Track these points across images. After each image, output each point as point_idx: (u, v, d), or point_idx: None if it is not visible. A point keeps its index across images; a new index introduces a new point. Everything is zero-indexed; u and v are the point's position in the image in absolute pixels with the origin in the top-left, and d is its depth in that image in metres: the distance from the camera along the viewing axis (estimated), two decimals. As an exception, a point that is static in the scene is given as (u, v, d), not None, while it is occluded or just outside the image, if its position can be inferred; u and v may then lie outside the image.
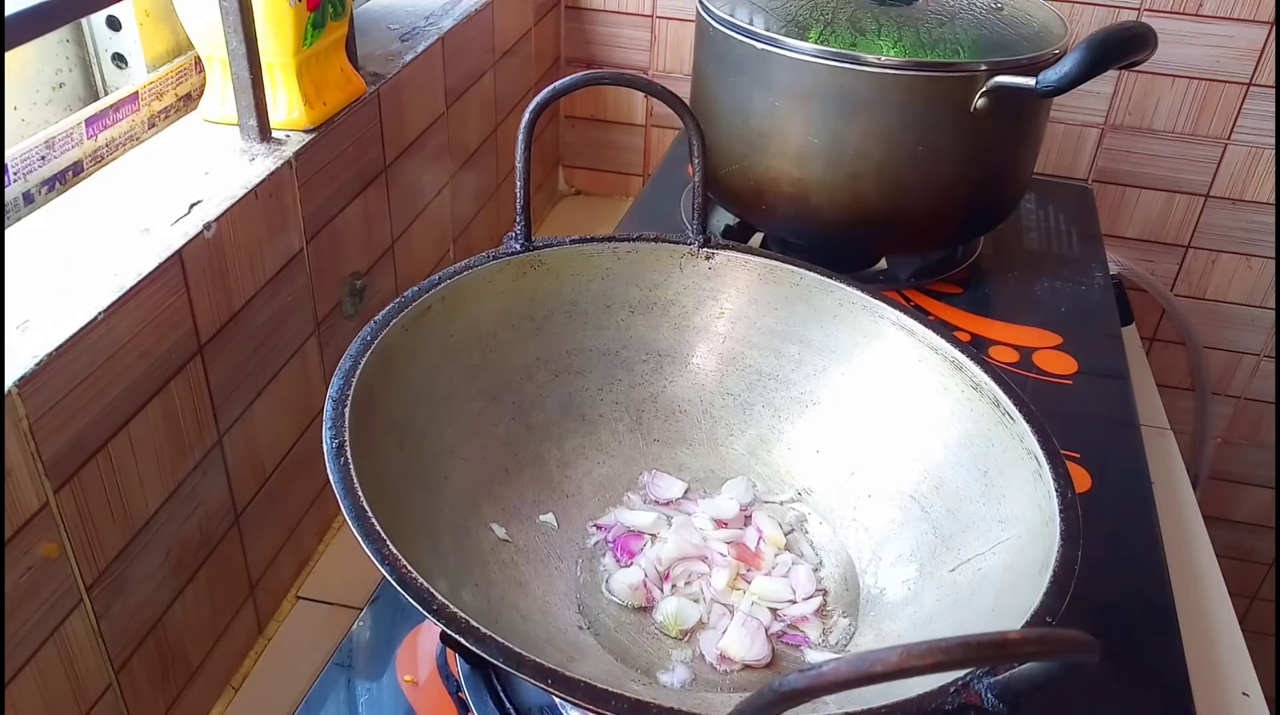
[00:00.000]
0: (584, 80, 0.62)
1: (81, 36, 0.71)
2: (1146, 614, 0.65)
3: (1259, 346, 1.26)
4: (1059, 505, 0.50)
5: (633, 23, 1.22)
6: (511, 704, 0.55)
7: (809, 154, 0.84)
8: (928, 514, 0.58)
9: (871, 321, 0.64)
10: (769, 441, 0.66)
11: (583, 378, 0.66)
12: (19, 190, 0.62)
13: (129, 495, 0.57)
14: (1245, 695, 0.68)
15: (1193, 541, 0.80)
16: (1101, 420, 0.80)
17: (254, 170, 0.67)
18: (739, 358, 0.67)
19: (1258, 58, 1.09)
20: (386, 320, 0.57)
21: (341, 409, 0.50)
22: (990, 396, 0.57)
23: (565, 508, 0.62)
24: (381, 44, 0.88)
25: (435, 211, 0.96)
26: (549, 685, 0.40)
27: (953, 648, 0.28)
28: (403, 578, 0.43)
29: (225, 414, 0.66)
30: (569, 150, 1.32)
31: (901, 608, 0.56)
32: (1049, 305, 0.93)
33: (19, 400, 0.49)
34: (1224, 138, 1.14)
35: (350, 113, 0.77)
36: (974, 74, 0.79)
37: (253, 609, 0.73)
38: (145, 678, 0.61)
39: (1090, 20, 1.11)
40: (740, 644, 0.55)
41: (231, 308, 0.65)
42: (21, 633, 0.51)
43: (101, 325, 0.53)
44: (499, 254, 0.64)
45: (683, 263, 0.67)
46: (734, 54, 0.84)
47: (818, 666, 0.29)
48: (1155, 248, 1.22)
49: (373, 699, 0.58)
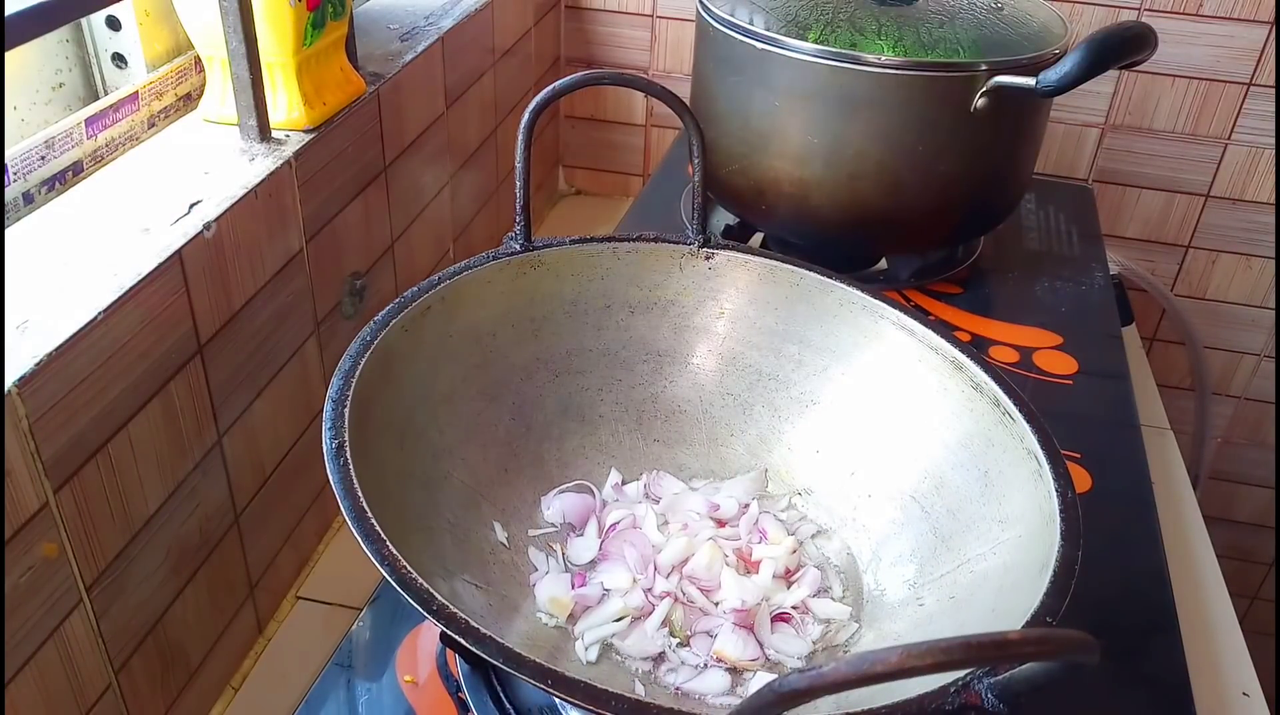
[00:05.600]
0: (584, 80, 0.62)
1: (81, 36, 0.71)
2: (1146, 614, 0.65)
3: (1259, 346, 1.26)
4: (1059, 505, 0.50)
5: (633, 23, 1.22)
6: (511, 704, 0.55)
7: (809, 154, 0.84)
8: (928, 514, 0.58)
9: (871, 321, 0.64)
10: (769, 442, 0.66)
11: (583, 378, 0.66)
12: (19, 190, 0.62)
13: (129, 495, 0.57)
14: (1245, 695, 0.68)
15: (1193, 541, 0.80)
16: (1101, 420, 0.80)
17: (254, 170, 0.67)
18: (739, 358, 0.67)
19: (1258, 58, 1.09)
20: (386, 320, 0.57)
21: (341, 409, 0.50)
22: (990, 396, 0.57)
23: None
24: (381, 44, 0.88)
25: (435, 211, 0.96)
26: (549, 685, 0.40)
27: (953, 648, 0.28)
28: (403, 578, 0.43)
29: (225, 414, 0.66)
30: (569, 150, 1.32)
31: (902, 608, 0.56)
32: (1049, 305, 0.93)
33: (19, 400, 0.49)
34: (1224, 138, 1.14)
35: (350, 113, 0.77)
36: (974, 74, 0.78)
37: (252, 609, 0.73)
38: (145, 678, 0.61)
39: (1090, 20, 1.11)
40: (734, 646, 0.55)
41: (231, 308, 0.65)
42: (21, 633, 0.51)
43: (101, 325, 0.53)
44: (499, 254, 0.64)
45: (683, 263, 0.67)
46: (734, 54, 0.84)
47: (818, 666, 0.29)
48: (1155, 248, 1.22)
49: (373, 699, 0.58)
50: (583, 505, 0.62)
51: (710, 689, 0.53)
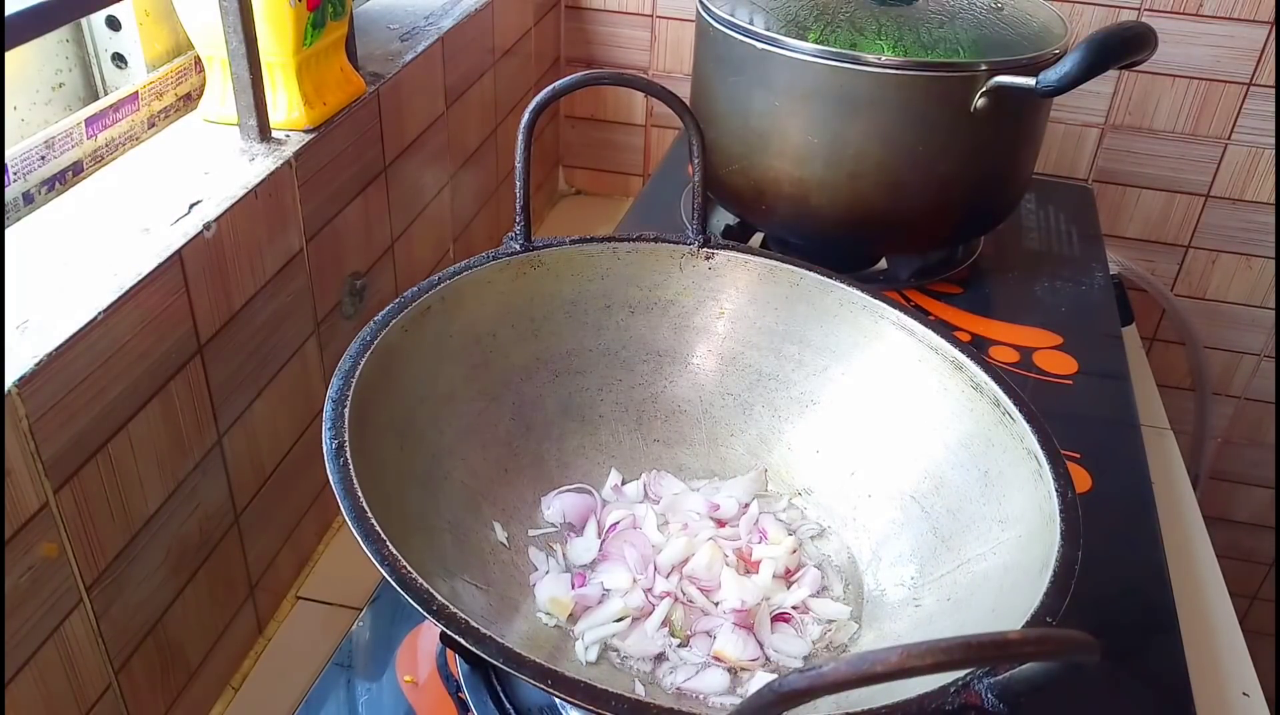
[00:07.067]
0: (584, 80, 0.62)
1: (81, 36, 0.71)
2: (1146, 614, 0.65)
3: (1259, 346, 1.26)
4: (1059, 505, 0.50)
5: (633, 23, 1.22)
6: (511, 704, 0.55)
7: (809, 154, 0.84)
8: (928, 514, 0.58)
9: (871, 321, 0.64)
10: (769, 441, 0.66)
11: (583, 378, 0.66)
12: (19, 190, 0.62)
13: (129, 495, 0.57)
14: (1245, 695, 0.68)
15: (1193, 541, 0.80)
16: (1101, 420, 0.80)
17: (254, 170, 0.67)
18: (739, 358, 0.67)
19: (1258, 58, 1.09)
20: (386, 320, 0.57)
21: (341, 409, 0.50)
22: (990, 396, 0.57)
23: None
24: (381, 44, 0.88)
25: (435, 211, 0.96)
26: (549, 685, 0.40)
27: (953, 648, 0.28)
28: (403, 578, 0.43)
29: (225, 414, 0.66)
30: (569, 150, 1.32)
31: (902, 608, 0.56)
32: (1049, 305, 0.93)
33: (19, 400, 0.49)
34: (1224, 138, 1.14)
35: (350, 113, 0.77)
36: (974, 74, 0.78)
37: (252, 609, 0.73)
38: (145, 678, 0.61)
39: (1090, 20, 1.11)
40: (734, 646, 0.55)
41: (231, 308, 0.65)
42: (21, 633, 0.51)
43: (101, 325, 0.53)
44: (499, 254, 0.64)
45: (683, 263, 0.67)
46: (734, 54, 0.84)
47: (818, 666, 0.29)
48: (1155, 248, 1.22)
49: (373, 699, 0.58)
50: (583, 505, 0.62)
51: (710, 689, 0.53)
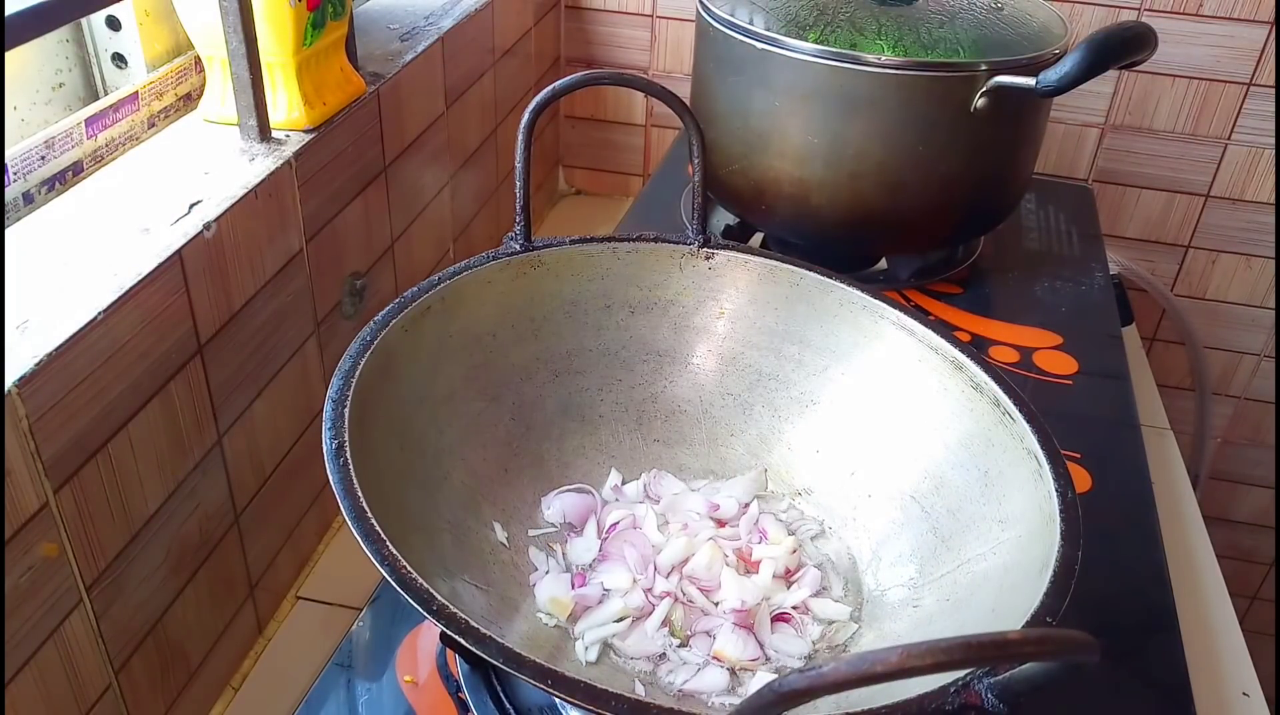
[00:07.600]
0: (584, 80, 0.62)
1: (81, 36, 0.71)
2: (1146, 614, 0.65)
3: (1259, 346, 1.26)
4: (1059, 505, 0.50)
5: (633, 23, 1.22)
6: (511, 704, 0.55)
7: (809, 154, 0.84)
8: (928, 514, 0.58)
9: (871, 321, 0.64)
10: (769, 441, 0.66)
11: (583, 378, 0.66)
12: (19, 190, 0.62)
13: (129, 495, 0.57)
14: (1245, 695, 0.68)
15: (1193, 541, 0.80)
16: (1101, 420, 0.80)
17: (254, 170, 0.67)
18: (739, 358, 0.67)
19: (1258, 58, 1.09)
20: (386, 320, 0.57)
21: (341, 409, 0.50)
22: (990, 396, 0.57)
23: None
24: (381, 44, 0.88)
25: (435, 211, 0.96)
26: (549, 685, 0.40)
27: (953, 648, 0.28)
28: (403, 578, 0.43)
29: (225, 414, 0.66)
30: (569, 150, 1.32)
31: (902, 608, 0.56)
32: (1049, 305, 0.93)
33: (19, 400, 0.49)
34: (1224, 138, 1.14)
35: (350, 113, 0.77)
36: (974, 74, 0.78)
37: (252, 609, 0.73)
38: (145, 678, 0.61)
39: (1090, 20, 1.11)
40: (734, 646, 0.55)
41: (231, 308, 0.65)
42: (21, 633, 0.51)
43: (101, 325, 0.53)
44: (499, 254, 0.64)
45: (683, 263, 0.67)
46: (734, 54, 0.84)
47: (818, 666, 0.29)
48: (1155, 248, 1.22)
49: (373, 699, 0.58)
50: (583, 505, 0.62)
51: (710, 689, 0.53)
